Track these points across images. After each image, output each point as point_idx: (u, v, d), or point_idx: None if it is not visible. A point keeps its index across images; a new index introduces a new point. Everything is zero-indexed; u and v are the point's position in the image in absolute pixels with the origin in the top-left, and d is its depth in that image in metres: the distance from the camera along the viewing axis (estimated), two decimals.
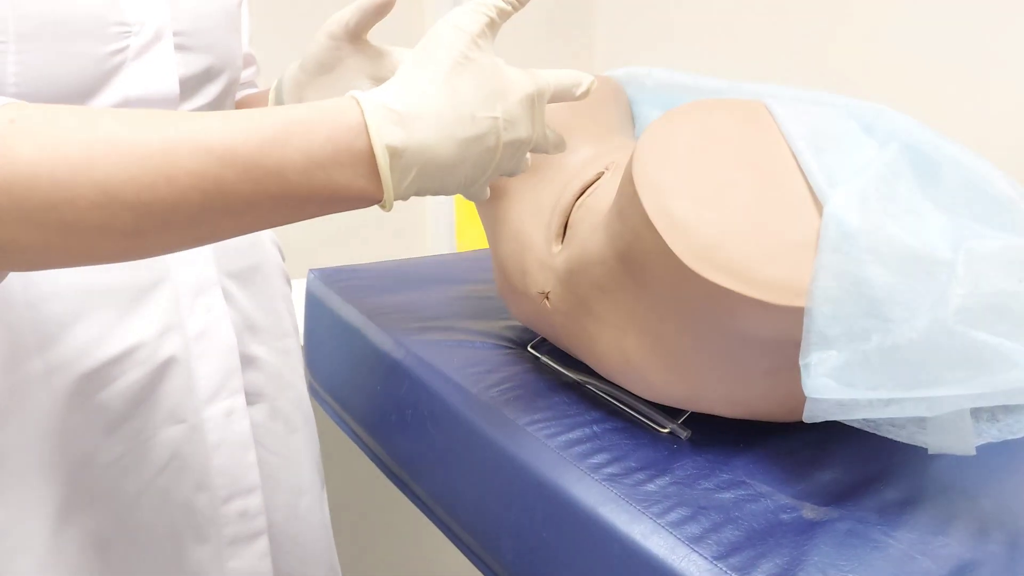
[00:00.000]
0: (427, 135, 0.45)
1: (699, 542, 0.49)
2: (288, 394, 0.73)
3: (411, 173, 0.45)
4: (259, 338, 0.69)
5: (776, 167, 0.55)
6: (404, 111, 0.44)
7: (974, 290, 0.45)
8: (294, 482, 0.73)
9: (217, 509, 0.65)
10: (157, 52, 0.59)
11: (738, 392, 0.58)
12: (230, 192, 0.42)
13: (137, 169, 0.40)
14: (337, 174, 0.43)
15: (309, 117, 0.44)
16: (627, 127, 0.74)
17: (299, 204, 0.44)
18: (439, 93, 0.46)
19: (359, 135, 0.44)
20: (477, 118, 0.46)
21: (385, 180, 0.44)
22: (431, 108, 0.45)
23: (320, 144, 0.43)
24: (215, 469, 0.64)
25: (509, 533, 0.61)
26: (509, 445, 0.61)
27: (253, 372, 0.68)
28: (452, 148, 0.46)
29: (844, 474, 0.57)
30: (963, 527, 0.52)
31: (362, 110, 0.44)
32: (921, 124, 0.54)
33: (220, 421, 0.65)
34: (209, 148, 0.41)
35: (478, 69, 0.48)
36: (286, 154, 0.42)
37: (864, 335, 0.48)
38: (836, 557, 0.48)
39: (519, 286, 0.69)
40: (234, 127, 0.42)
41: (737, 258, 0.51)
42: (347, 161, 0.43)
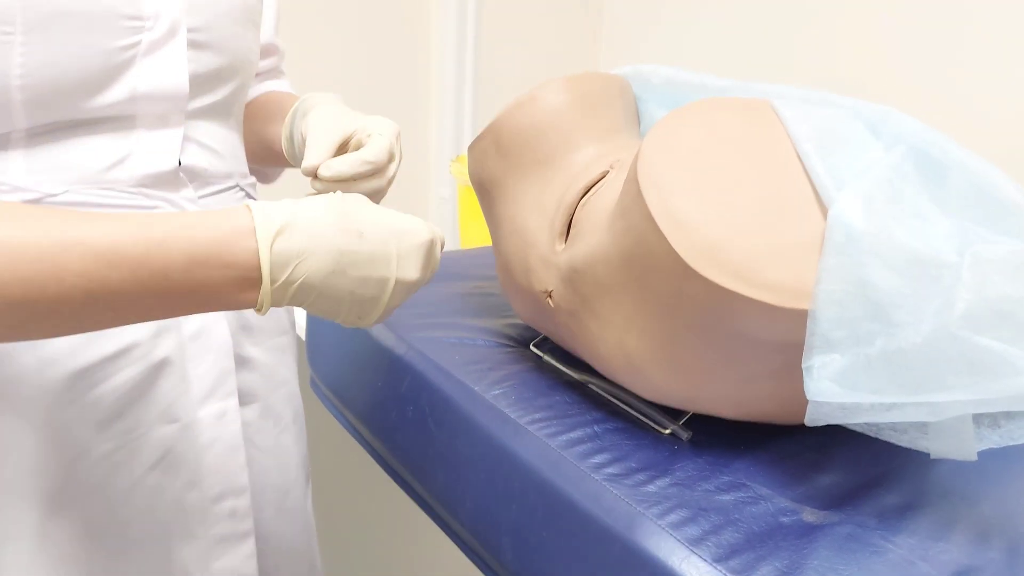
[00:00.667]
0: (305, 240, 0.48)
1: (699, 544, 0.49)
2: (280, 392, 0.73)
3: (287, 275, 0.48)
4: (254, 338, 0.69)
5: (781, 168, 0.55)
6: (290, 216, 0.48)
7: (979, 295, 0.45)
8: (281, 480, 0.73)
9: (207, 508, 0.65)
10: (170, 49, 0.58)
11: (740, 393, 0.58)
12: (115, 291, 0.45)
13: (26, 270, 0.43)
14: (219, 273, 0.47)
15: (195, 220, 0.47)
16: (632, 126, 0.73)
17: (179, 302, 0.47)
18: (327, 210, 0.49)
19: (244, 235, 0.47)
20: (365, 238, 0.49)
21: (264, 278, 0.47)
22: (315, 216, 0.49)
23: (205, 244, 0.46)
24: (206, 468, 0.64)
25: (509, 532, 0.61)
26: (510, 443, 0.61)
27: (246, 373, 0.68)
28: (330, 257, 0.48)
29: (844, 478, 0.57)
30: (963, 533, 0.51)
31: (252, 214, 0.47)
32: (928, 127, 0.53)
33: (213, 422, 0.64)
34: (98, 252, 0.44)
35: (377, 209, 0.52)
36: (170, 255, 0.45)
37: (868, 339, 0.48)
38: (836, 561, 0.48)
39: (522, 283, 0.69)
40: (124, 231, 0.45)
41: (741, 259, 0.51)
42: (229, 260, 0.47)
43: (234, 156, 0.69)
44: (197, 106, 0.62)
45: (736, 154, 0.56)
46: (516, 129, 0.70)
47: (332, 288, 0.49)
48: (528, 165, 0.70)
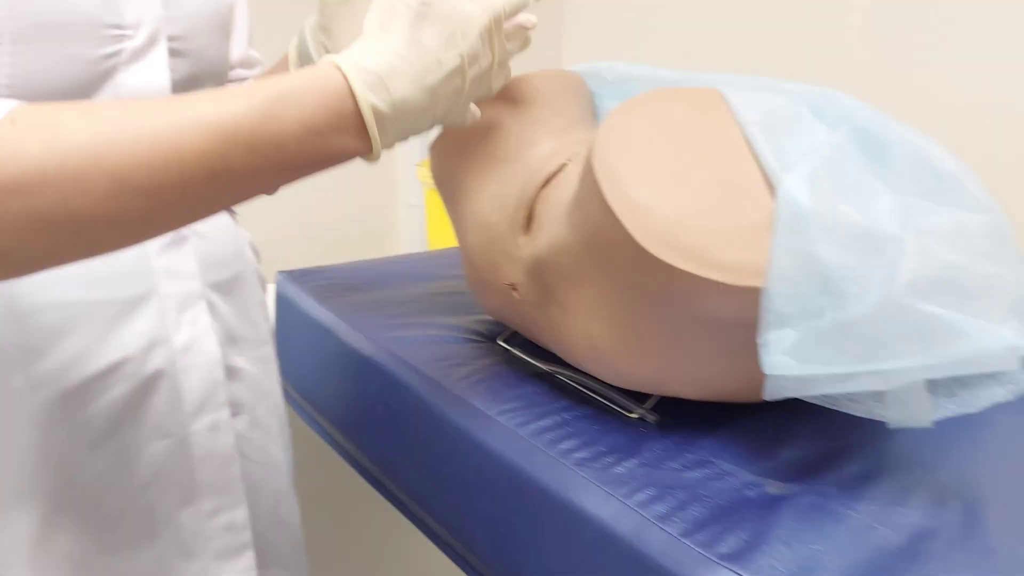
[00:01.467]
0: (403, 90, 0.50)
1: (666, 520, 0.50)
2: (266, 402, 0.72)
3: (393, 125, 0.50)
4: (240, 348, 0.69)
5: (731, 152, 0.56)
6: (380, 71, 0.50)
7: (922, 264, 0.47)
8: (273, 490, 0.73)
9: (203, 524, 0.64)
10: (152, 57, 0.58)
11: (702, 374, 0.59)
12: (235, 167, 0.45)
13: (147, 154, 0.42)
14: (331, 138, 0.48)
15: (299, 86, 0.48)
16: (589, 120, 0.75)
17: (297, 168, 0.48)
18: (407, 49, 0.51)
19: (345, 99, 0.48)
20: (442, 62, 0.52)
21: (373, 137, 0.49)
22: (402, 64, 0.51)
23: (311, 112, 0.47)
24: (200, 484, 0.64)
25: (482, 523, 0.62)
26: (480, 435, 0.62)
27: (235, 384, 0.68)
28: (425, 96, 0.52)
29: (806, 451, 0.59)
30: (921, 497, 0.53)
31: (344, 75, 0.48)
32: (869, 107, 0.55)
33: (205, 435, 0.64)
34: (213, 126, 0.44)
35: (435, 15, 0.53)
36: (283, 125, 0.46)
37: (819, 312, 0.50)
38: (799, 530, 0.50)
39: (488, 278, 0.70)
40: (232, 104, 0.45)
41: (696, 242, 0.52)
42: (338, 124, 0.48)
43: None
44: None
45: (687, 141, 0.57)
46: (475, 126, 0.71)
47: (425, 115, 0.53)
48: (488, 161, 0.71)
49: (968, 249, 0.47)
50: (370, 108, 0.49)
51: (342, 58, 0.50)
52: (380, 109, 0.49)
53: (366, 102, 0.48)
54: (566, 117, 0.72)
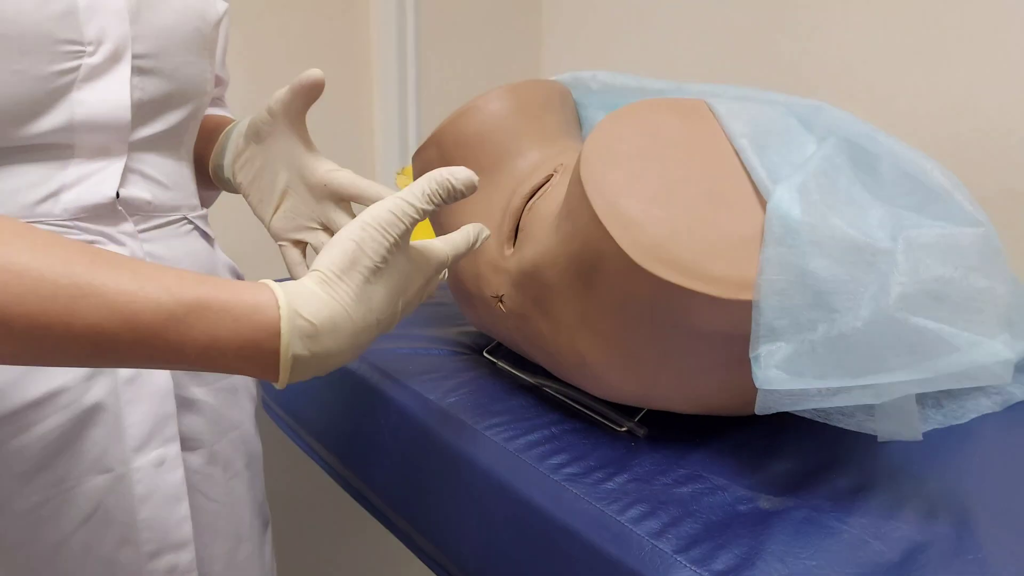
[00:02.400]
0: (333, 345, 0.47)
1: (659, 537, 0.50)
2: (230, 435, 0.69)
3: (307, 370, 0.47)
4: (200, 379, 0.65)
5: (720, 164, 0.56)
6: (319, 326, 0.46)
7: (914, 278, 0.47)
8: (233, 530, 0.69)
9: (143, 565, 0.61)
10: (112, 75, 0.56)
11: (692, 387, 0.59)
12: (123, 351, 0.42)
13: (36, 307, 0.40)
14: (236, 362, 0.45)
15: (227, 302, 0.44)
16: (574, 130, 0.74)
17: (188, 368, 0.45)
18: (354, 307, 0.48)
19: (270, 338, 0.45)
20: (380, 320, 0.49)
21: (283, 380, 0.46)
22: (344, 323, 0.47)
23: (227, 333, 0.44)
24: (142, 523, 0.60)
25: (470, 538, 0.61)
26: (468, 449, 0.61)
27: (191, 416, 0.64)
28: (352, 351, 0.48)
29: (797, 464, 0.58)
30: (913, 510, 0.53)
31: (280, 316, 0.45)
32: (858, 119, 0.55)
33: (150, 471, 0.60)
34: (114, 308, 0.41)
35: (391, 272, 0.50)
36: (191, 334, 0.43)
37: (811, 326, 0.49)
38: (793, 545, 0.49)
39: (473, 290, 0.69)
40: (146, 292, 0.42)
41: (686, 255, 0.52)
42: (250, 355, 0.45)
43: (183, 188, 0.66)
44: (143, 136, 0.60)
45: (676, 153, 0.57)
46: (460, 137, 0.70)
47: (341, 360, 0.49)
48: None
49: (959, 262, 0.47)
50: (291, 357, 0.45)
51: (285, 291, 0.46)
52: (302, 358, 0.45)
53: (289, 352, 0.45)
54: (551, 127, 0.72)
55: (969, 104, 0.96)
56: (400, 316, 0.52)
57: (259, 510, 0.75)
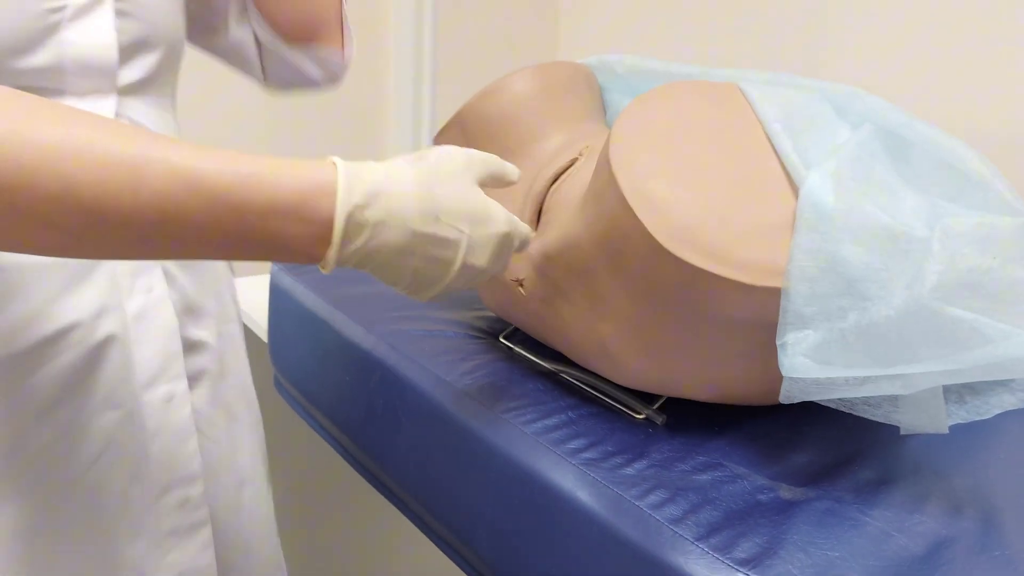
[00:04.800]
0: (384, 213, 0.47)
1: (679, 523, 0.49)
2: (230, 381, 0.71)
3: (360, 243, 0.47)
4: (202, 322, 0.67)
5: (751, 149, 0.55)
6: (373, 187, 0.47)
7: (949, 267, 0.46)
8: (235, 472, 0.71)
9: (155, 500, 0.62)
10: (96, 16, 0.57)
11: (714, 375, 0.58)
12: (188, 218, 0.43)
13: (105, 174, 0.41)
14: (293, 225, 0.45)
15: (282, 166, 0.46)
16: (598, 114, 0.73)
17: (247, 245, 0.46)
18: (414, 187, 0.48)
19: (326, 195, 0.46)
20: (442, 222, 0.48)
21: (335, 241, 0.46)
22: (399, 190, 0.47)
23: (286, 194, 0.45)
24: (153, 458, 0.62)
25: (485, 522, 0.60)
26: (484, 432, 0.60)
27: (195, 356, 0.66)
28: (404, 235, 0.48)
29: (819, 455, 0.57)
30: (937, 505, 0.52)
31: (337, 174, 0.46)
32: (893, 106, 0.54)
33: (159, 407, 0.62)
34: (180, 172, 0.42)
35: (463, 187, 0.50)
36: (252, 195, 0.44)
37: (841, 314, 0.49)
38: (815, 535, 0.48)
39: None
40: (209, 159, 0.44)
41: (714, 239, 0.51)
42: (307, 216, 0.45)
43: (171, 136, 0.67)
44: (128, 81, 0.60)
45: (705, 136, 0.56)
46: (483, 118, 0.69)
47: (398, 263, 0.49)
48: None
49: (996, 252, 0.46)
50: (346, 212, 0.45)
51: (345, 162, 0.47)
52: (355, 221, 0.46)
53: (345, 203, 0.46)
54: (576, 110, 0.71)
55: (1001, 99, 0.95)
56: (468, 254, 0.50)
57: (261, 458, 0.76)
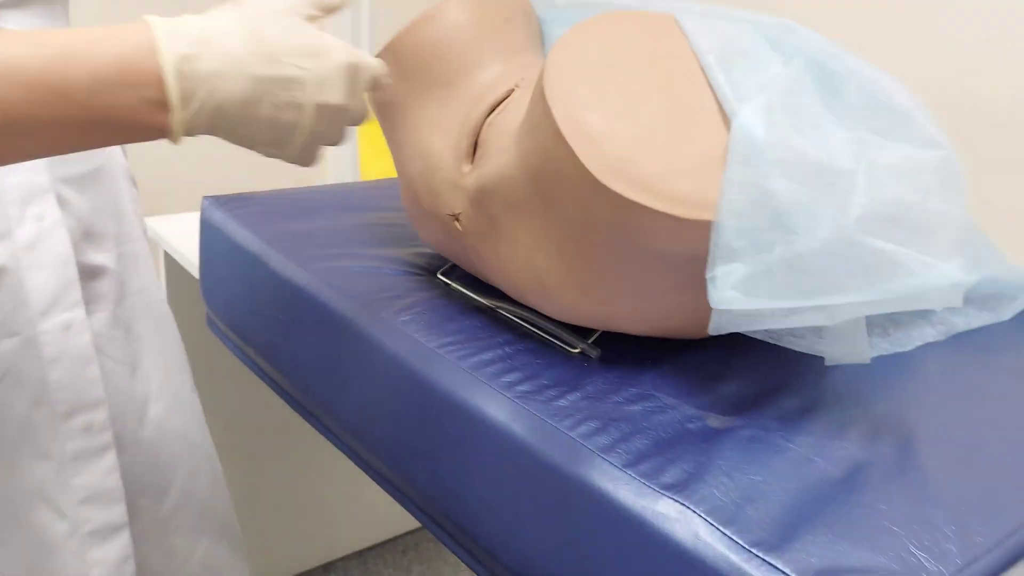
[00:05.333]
0: (217, 64, 0.44)
1: (609, 451, 0.50)
2: (132, 301, 0.70)
3: (199, 99, 0.44)
4: (100, 245, 0.66)
5: (686, 81, 0.55)
6: (196, 36, 0.44)
7: (873, 199, 0.47)
8: (141, 390, 0.71)
9: (58, 424, 0.62)
10: None
11: (647, 308, 0.58)
12: (16, 112, 0.41)
13: None
14: (124, 94, 0.43)
15: (97, 36, 0.43)
16: (536, 45, 0.72)
17: (86, 127, 0.43)
18: (239, 30, 0.46)
19: (148, 54, 0.43)
20: (281, 62, 0.46)
21: (172, 101, 0.44)
22: (225, 38, 0.45)
23: (106, 62, 0.42)
24: (54, 384, 0.62)
25: (423, 455, 0.61)
26: (421, 367, 0.60)
27: (94, 282, 0.65)
28: (245, 83, 0.45)
29: (746, 386, 0.59)
30: (857, 431, 0.54)
31: (152, 30, 0.44)
32: (826, 39, 0.54)
33: (57, 335, 0.62)
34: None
35: (291, 24, 0.47)
36: (70, 72, 0.42)
37: (768, 246, 0.49)
38: (740, 461, 0.50)
39: (429, 208, 0.68)
40: (19, 45, 0.42)
41: (648, 172, 0.51)
42: (134, 80, 0.43)
43: None
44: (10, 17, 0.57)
45: (641, 68, 0.55)
46: (417, 47, 0.67)
47: (248, 115, 0.46)
48: (430, 85, 0.68)
49: (918, 185, 0.47)
50: (173, 65, 0.43)
51: (161, 18, 0.45)
52: (184, 70, 0.43)
53: (169, 56, 0.43)
54: (512, 40, 0.70)
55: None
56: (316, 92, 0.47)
57: (174, 373, 0.75)
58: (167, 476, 0.73)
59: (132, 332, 0.69)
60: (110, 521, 0.65)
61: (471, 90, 0.66)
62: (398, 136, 0.71)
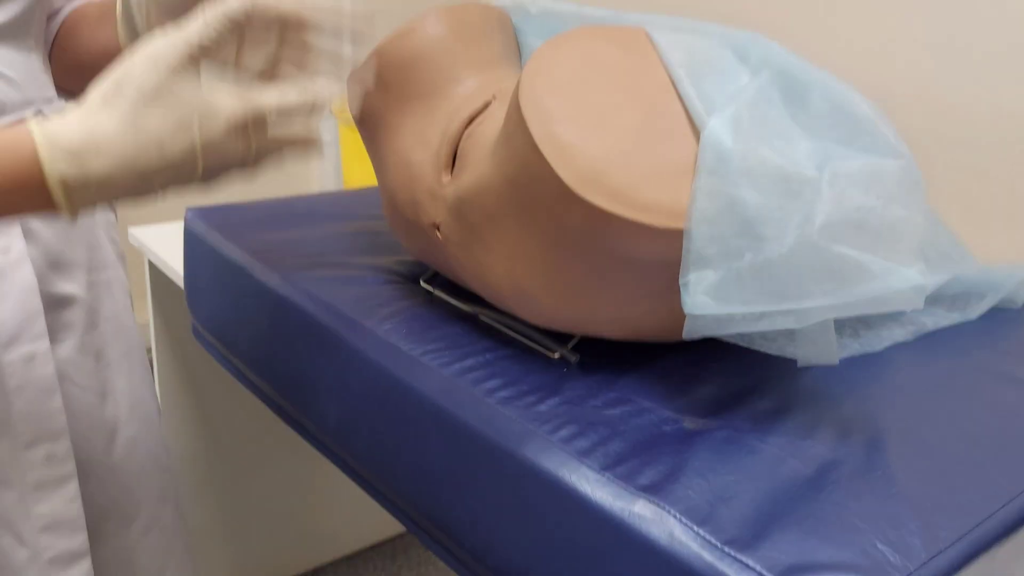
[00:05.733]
0: (103, 168, 0.46)
1: (588, 455, 0.51)
2: (103, 327, 0.70)
3: (91, 199, 0.47)
4: (69, 275, 0.66)
5: (657, 94, 0.56)
6: (77, 147, 0.46)
7: (837, 207, 0.48)
8: (110, 414, 0.71)
9: (19, 454, 0.63)
10: None
11: (623, 314, 0.60)
12: None
13: None
14: (18, 199, 0.46)
15: None
16: (513, 57, 0.74)
17: None
18: (117, 128, 0.47)
19: (32, 167, 0.46)
20: (165, 148, 0.47)
21: (60, 205, 0.46)
22: (107, 141, 0.46)
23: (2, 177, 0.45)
24: (16, 414, 0.62)
25: (404, 461, 0.62)
26: (403, 375, 0.62)
27: (61, 312, 0.66)
28: (133, 179, 0.47)
29: (720, 388, 0.61)
30: (827, 431, 0.56)
31: (35, 145, 0.46)
32: (790, 51, 0.56)
33: (20, 366, 0.62)
34: None
35: (172, 101, 0.47)
36: None
37: (738, 253, 0.51)
38: (715, 462, 0.51)
39: (410, 217, 0.69)
40: None
41: (620, 182, 0.52)
42: (26, 191, 0.46)
43: (33, 81, 0.64)
44: None
45: (614, 80, 0.57)
46: (396, 61, 0.69)
47: (144, 191, 0.49)
48: (410, 98, 0.69)
49: (880, 193, 0.49)
50: (59, 182, 0.46)
51: (42, 126, 0.46)
52: (70, 184, 0.46)
53: (54, 175, 0.45)
54: (489, 52, 0.71)
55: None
56: (207, 159, 0.48)
57: (141, 399, 0.75)
58: (135, 500, 0.74)
59: (103, 358, 0.70)
60: (71, 549, 0.66)
61: (449, 102, 0.67)
62: (379, 147, 0.72)
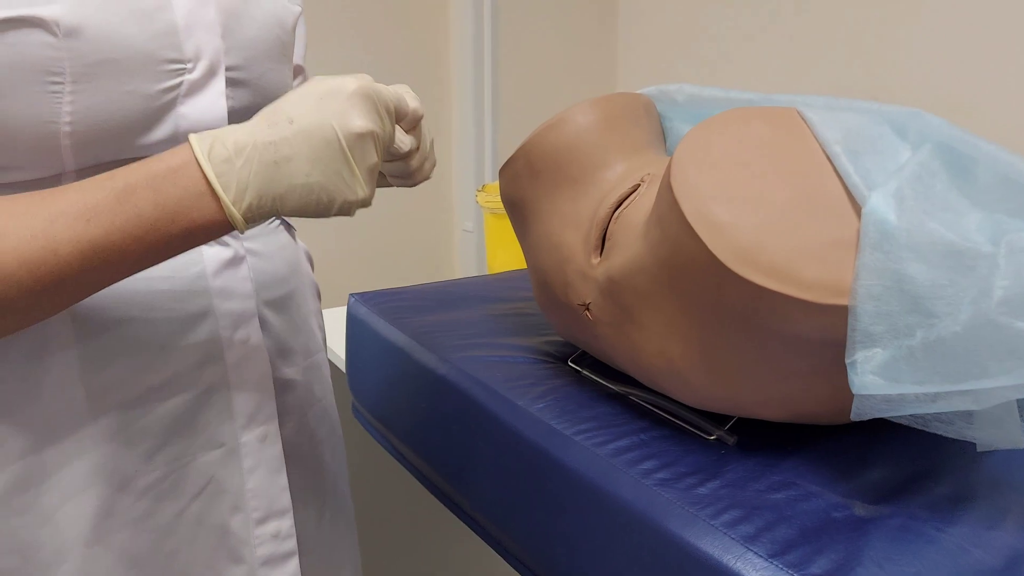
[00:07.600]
0: (243, 139, 0.52)
1: (754, 541, 0.50)
2: (314, 409, 0.75)
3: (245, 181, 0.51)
4: (290, 360, 0.71)
5: (813, 171, 0.56)
6: (223, 135, 0.52)
7: (1016, 281, 0.46)
8: (319, 492, 0.75)
9: (251, 530, 0.67)
10: (210, 88, 0.60)
11: (782, 394, 0.59)
12: (102, 246, 0.49)
13: (27, 252, 0.48)
14: (186, 199, 0.50)
15: (150, 162, 0.51)
16: (659, 142, 0.75)
17: (163, 241, 0.51)
18: (256, 122, 0.53)
19: (189, 162, 0.51)
20: (296, 121, 0.52)
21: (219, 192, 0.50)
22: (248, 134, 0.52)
23: (162, 177, 0.50)
24: (250, 492, 0.66)
25: (562, 542, 0.62)
26: (558, 454, 0.62)
27: (285, 395, 0.70)
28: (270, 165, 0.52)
29: (893, 472, 0.58)
30: (1015, 520, 0.52)
31: (191, 143, 0.51)
32: (952, 124, 0.55)
33: (255, 446, 0.66)
34: (76, 214, 0.49)
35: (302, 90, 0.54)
36: (138, 195, 0.50)
37: (908, 331, 0.49)
38: (891, 551, 0.49)
39: (560, 298, 0.71)
40: (89, 190, 0.50)
41: (778, 259, 0.52)
42: (184, 184, 0.51)
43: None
44: None
45: (767, 159, 0.57)
46: (547, 150, 0.72)
47: (283, 168, 0.52)
48: (560, 183, 0.72)
49: None
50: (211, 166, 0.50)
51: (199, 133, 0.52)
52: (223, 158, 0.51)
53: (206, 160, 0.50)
54: (636, 139, 0.73)
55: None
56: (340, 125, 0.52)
57: (341, 474, 0.80)
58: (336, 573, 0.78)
59: (314, 438, 0.75)
60: None
61: (599, 187, 0.70)
62: (530, 231, 0.75)
